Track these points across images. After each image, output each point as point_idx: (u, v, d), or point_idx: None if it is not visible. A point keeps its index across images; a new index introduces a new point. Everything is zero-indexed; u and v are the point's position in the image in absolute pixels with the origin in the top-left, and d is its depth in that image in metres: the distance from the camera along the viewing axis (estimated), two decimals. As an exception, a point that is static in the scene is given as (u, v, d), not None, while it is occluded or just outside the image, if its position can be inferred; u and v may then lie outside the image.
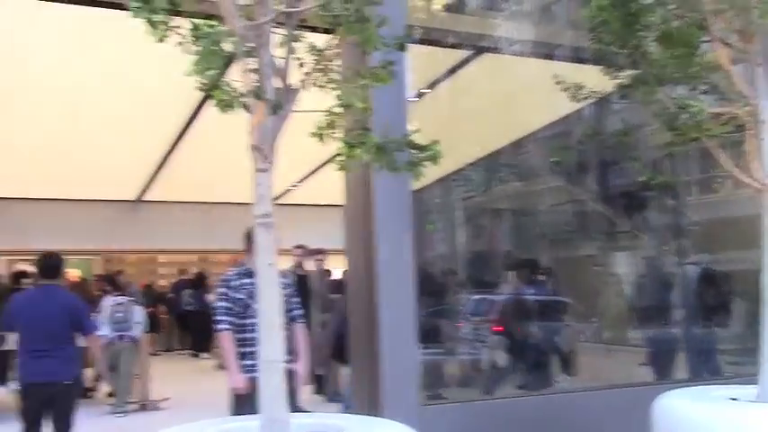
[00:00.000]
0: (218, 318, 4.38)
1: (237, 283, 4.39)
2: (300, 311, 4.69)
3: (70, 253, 14.38)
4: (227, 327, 4.35)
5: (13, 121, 10.44)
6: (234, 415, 4.15)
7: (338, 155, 3.52)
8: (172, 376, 10.93)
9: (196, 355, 14.35)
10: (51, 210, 14.91)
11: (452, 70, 8.14)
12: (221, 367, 10.38)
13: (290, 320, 4.48)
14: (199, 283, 14.77)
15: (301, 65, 3.31)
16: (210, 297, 14.56)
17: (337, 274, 9.40)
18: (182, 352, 15.03)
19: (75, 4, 6.56)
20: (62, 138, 11.22)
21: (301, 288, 7.14)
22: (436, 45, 6.55)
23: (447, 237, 10.10)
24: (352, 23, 3.05)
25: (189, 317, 14.76)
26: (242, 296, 4.39)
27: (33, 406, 4.96)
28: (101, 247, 15.66)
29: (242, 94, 2.81)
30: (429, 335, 6.22)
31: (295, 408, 3.95)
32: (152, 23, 2.63)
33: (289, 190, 14.59)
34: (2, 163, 12.33)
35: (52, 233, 13.85)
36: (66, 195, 14.75)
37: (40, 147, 11.51)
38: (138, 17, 2.64)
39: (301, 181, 14.43)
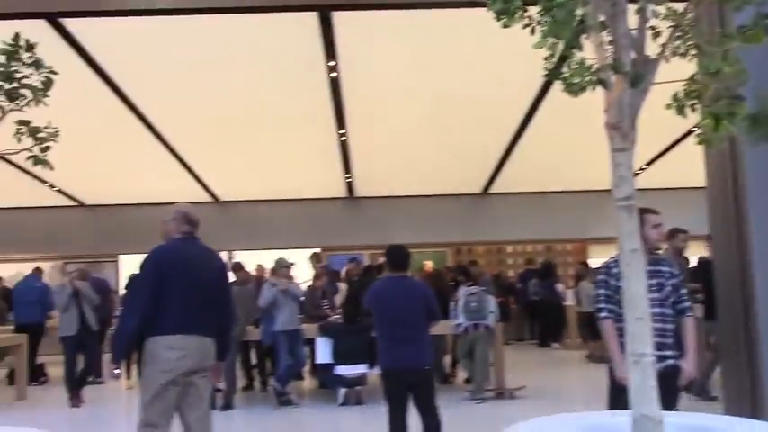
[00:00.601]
0: (599, 306, 4.17)
1: (617, 270, 4.07)
2: (689, 303, 4.22)
3: (424, 246, 15.38)
4: (607, 315, 4.10)
5: (371, 126, 11.36)
6: (613, 408, 3.94)
7: (698, 129, 3.18)
8: (524, 365, 11.04)
9: (545, 345, 14.35)
10: (406, 206, 16.00)
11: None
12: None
13: (679, 313, 4.11)
14: (546, 273, 14.73)
15: (656, 34, 3.04)
16: (560, 287, 14.45)
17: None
18: (531, 342, 15.16)
19: (420, 8, 6.93)
20: (413, 137, 11.94)
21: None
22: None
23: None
24: (718, -21, 2.71)
25: (536, 306, 14.82)
26: (622, 284, 4.09)
27: (395, 389, 5.24)
28: (451, 239, 16.42)
29: (597, 70, 2.64)
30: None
31: (673, 406, 3.65)
32: (504, 12, 2.59)
33: (636, 173, 13.92)
34: (363, 165, 13.53)
35: (409, 227, 14.90)
36: (419, 192, 15.72)
37: (392, 147, 12.39)
38: (494, 10, 2.62)
39: (649, 164, 13.69)
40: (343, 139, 11.87)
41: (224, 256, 14.46)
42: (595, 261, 13.85)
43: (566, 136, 11.80)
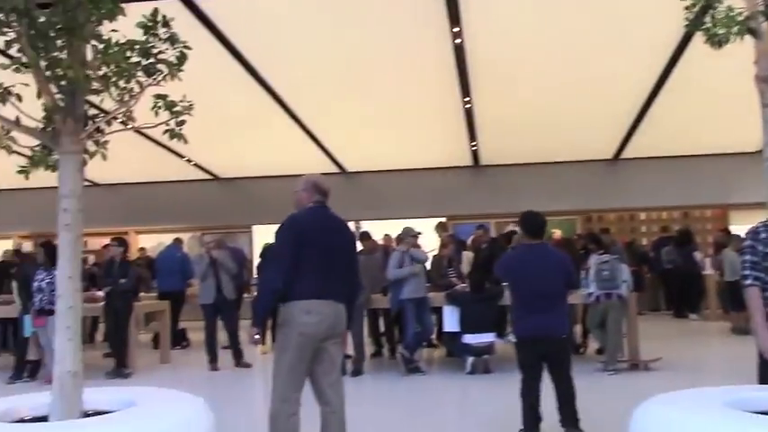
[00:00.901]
0: (744, 273, 3.90)
1: (766, 235, 3.77)
2: None
3: (553, 214, 15.03)
4: (753, 282, 3.83)
5: (497, 92, 11.16)
6: (763, 382, 3.70)
7: None
8: (659, 336, 10.64)
9: (682, 316, 13.76)
10: (533, 173, 15.71)
11: None
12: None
13: None
14: (683, 241, 14.05)
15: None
16: (698, 255, 13.76)
17: None
18: (667, 312, 14.58)
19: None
20: (540, 102, 11.65)
21: None
22: None
23: None
24: None
25: (671, 275, 14.21)
26: None
27: (530, 358, 5.18)
28: (580, 206, 15.98)
29: (746, 18, 2.44)
30: None
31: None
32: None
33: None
34: (488, 133, 13.34)
35: (536, 195, 14.58)
36: (546, 159, 15.38)
37: (518, 113, 12.14)
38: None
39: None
40: (468, 106, 11.74)
41: (351, 225, 14.68)
42: (737, 228, 13.11)
43: (706, 95, 11.16)
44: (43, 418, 3.49)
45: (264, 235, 12.80)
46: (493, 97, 11.35)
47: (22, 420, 3.54)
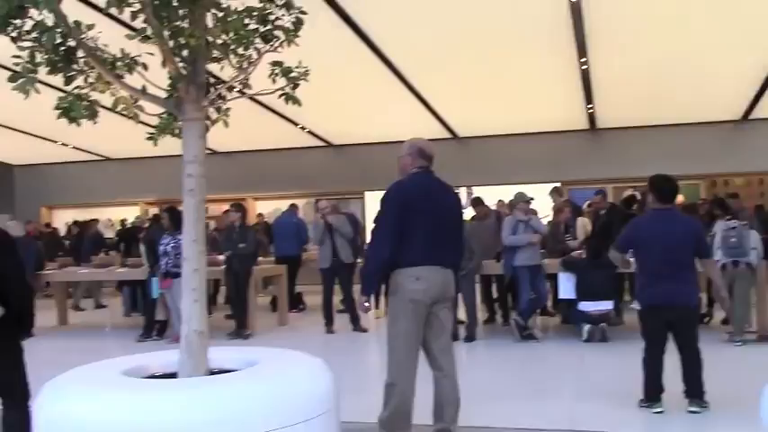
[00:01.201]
0: None
1: None
2: None
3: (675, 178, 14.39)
4: None
5: (615, 51, 10.72)
6: None
7: None
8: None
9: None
10: (653, 136, 15.08)
11: None
12: None
13: None
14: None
15: None
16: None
17: None
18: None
19: None
20: (661, 61, 11.13)
21: None
22: None
23: None
24: None
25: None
26: None
27: (655, 327, 5.02)
28: (704, 171, 15.21)
29: None
30: None
31: None
32: None
33: None
34: (606, 95, 12.88)
35: (656, 159, 13.94)
36: (667, 121, 14.72)
37: (637, 73, 11.64)
38: None
39: None
40: (584, 67, 11.35)
41: (463, 191, 14.61)
42: None
43: None
44: (172, 375, 3.65)
45: (377, 201, 12.90)
46: (610, 57, 10.92)
47: (152, 376, 3.72)
